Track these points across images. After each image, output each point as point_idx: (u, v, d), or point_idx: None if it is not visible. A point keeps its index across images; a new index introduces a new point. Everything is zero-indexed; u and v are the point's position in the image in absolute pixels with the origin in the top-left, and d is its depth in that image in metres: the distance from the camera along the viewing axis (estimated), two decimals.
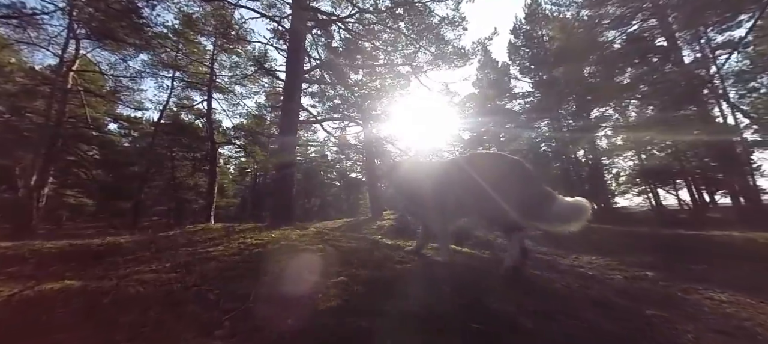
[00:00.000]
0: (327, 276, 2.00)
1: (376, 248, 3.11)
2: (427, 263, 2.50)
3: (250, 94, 14.94)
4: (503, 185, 2.03)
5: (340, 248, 2.92)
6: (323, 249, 2.84)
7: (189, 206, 20.76)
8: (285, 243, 3.25)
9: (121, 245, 3.79)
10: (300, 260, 2.46)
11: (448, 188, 2.29)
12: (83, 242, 4.52)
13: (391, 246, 3.38)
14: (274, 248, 3.00)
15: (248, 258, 2.56)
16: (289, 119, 6.91)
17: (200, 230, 7.09)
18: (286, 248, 2.96)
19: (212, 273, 2.14)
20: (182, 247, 3.60)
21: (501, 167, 2.14)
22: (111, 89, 15.88)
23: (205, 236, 5.07)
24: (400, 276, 2.13)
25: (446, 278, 2.07)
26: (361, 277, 1.97)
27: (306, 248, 2.87)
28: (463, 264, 2.66)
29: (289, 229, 5.26)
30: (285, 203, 6.39)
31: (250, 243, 3.49)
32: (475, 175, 2.12)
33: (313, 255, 2.60)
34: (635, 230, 7.97)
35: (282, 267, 2.23)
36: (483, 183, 2.06)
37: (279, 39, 10.51)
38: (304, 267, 2.25)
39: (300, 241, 3.50)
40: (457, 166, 2.37)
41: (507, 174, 2.08)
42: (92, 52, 13.85)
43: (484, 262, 3.16)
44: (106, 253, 3.34)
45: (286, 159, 6.63)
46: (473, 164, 2.25)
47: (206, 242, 4.05)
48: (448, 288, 1.84)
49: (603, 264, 4.82)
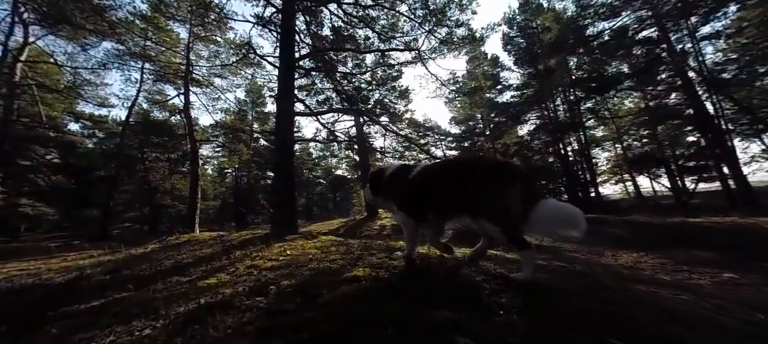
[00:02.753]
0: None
1: (448, 270, 2.38)
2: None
3: (232, 87, 13.67)
4: (490, 187, 1.90)
5: (394, 271, 2.16)
6: (374, 274, 2.06)
7: (165, 211, 19.16)
8: (314, 265, 2.46)
9: (82, 281, 2.85)
10: (362, 302, 1.69)
11: (429, 190, 2.19)
12: (23, 280, 3.48)
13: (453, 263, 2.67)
14: (306, 278, 2.21)
15: (281, 301, 1.76)
16: (285, 111, 6.02)
17: (186, 242, 6.10)
18: (323, 277, 2.17)
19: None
20: (170, 277, 2.74)
21: (487, 168, 2.01)
22: (70, 83, 14.09)
23: (197, 253, 4.16)
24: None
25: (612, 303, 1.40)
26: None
27: (351, 276, 2.09)
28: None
29: (298, 238, 4.46)
30: (288, 207, 5.54)
31: (264, 266, 2.69)
32: (457, 176, 2.03)
33: (369, 286, 1.85)
34: (653, 221, 7.69)
35: (339, 318, 1.46)
36: (467, 184, 1.96)
37: (265, 26, 9.47)
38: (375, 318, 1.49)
39: (326, 257, 2.71)
40: (441, 167, 2.30)
41: (493, 174, 1.95)
42: (44, 41, 12.13)
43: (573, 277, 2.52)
44: (59, 298, 2.41)
45: (286, 157, 5.77)
46: (457, 166, 2.19)
47: (201, 264, 3.19)
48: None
49: (657, 263, 4.38)
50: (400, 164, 2.57)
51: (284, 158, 5.77)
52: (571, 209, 1.81)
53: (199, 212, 10.41)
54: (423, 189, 2.18)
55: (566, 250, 6.70)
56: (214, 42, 12.62)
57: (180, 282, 2.46)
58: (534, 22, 16.73)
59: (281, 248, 3.49)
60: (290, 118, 6.15)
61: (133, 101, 14.50)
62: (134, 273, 3.04)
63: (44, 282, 2.99)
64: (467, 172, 2.00)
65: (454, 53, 7.56)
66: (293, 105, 6.45)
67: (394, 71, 15.00)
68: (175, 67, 12.88)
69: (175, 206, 21.20)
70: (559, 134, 16.51)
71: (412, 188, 2.25)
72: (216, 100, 13.57)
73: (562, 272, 2.58)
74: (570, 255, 5.71)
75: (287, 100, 6.21)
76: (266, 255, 3.21)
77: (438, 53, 7.52)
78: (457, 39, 7.11)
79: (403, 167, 2.50)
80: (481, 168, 1.99)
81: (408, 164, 2.54)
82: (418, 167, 2.34)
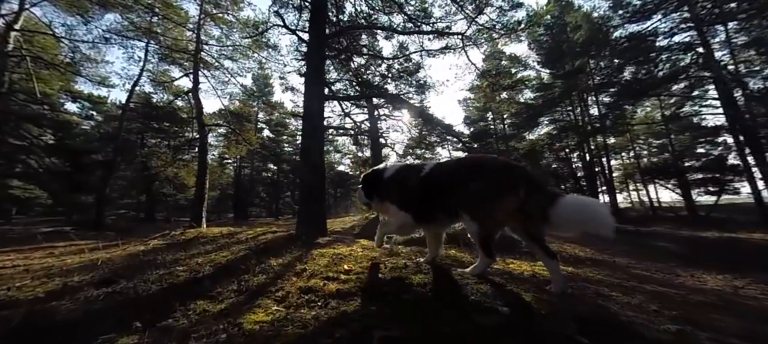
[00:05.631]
0: None
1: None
2: None
3: (243, 70, 12.73)
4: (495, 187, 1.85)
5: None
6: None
7: (165, 199, 18.24)
8: (389, 289, 1.63)
9: (62, 304, 1.97)
10: None
11: (447, 189, 2.10)
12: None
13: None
14: (408, 314, 1.39)
15: None
16: (316, 93, 5.17)
17: (194, 239, 5.24)
18: (439, 317, 1.34)
19: None
20: (193, 301, 1.90)
21: (492, 168, 1.95)
22: (68, 58, 13.12)
23: (213, 256, 3.31)
24: None
25: None
26: None
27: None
28: None
29: (334, 242, 3.65)
30: (317, 206, 4.68)
31: (325, 289, 1.86)
32: (462, 176, 2.00)
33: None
34: (720, 236, 6.89)
35: None
36: (474, 185, 1.91)
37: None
38: None
39: (403, 275, 1.88)
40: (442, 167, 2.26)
41: (499, 174, 1.89)
42: (42, 9, 11.18)
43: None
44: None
45: (317, 145, 4.92)
46: (462, 165, 2.17)
47: (230, 279, 2.34)
48: None
49: (741, 284, 3.60)
50: (400, 165, 2.50)
51: (314, 146, 4.91)
52: (596, 202, 1.76)
53: (206, 205, 9.52)
54: (439, 189, 2.09)
55: (624, 265, 5.91)
56: (226, 22, 11.73)
57: (211, 316, 1.61)
58: (563, 19, 15.88)
59: (328, 260, 2.66)
60: (321, 100, 5.29)
61: (136, 81, 13.52)
62: (137, 289, 2.20)
63: (4, 305, 2.13)
64: (474, 172, 1.97)
65: (505, 40, 6.72)
66: (324, 87, 5.61)
67: (412, 65, 14.21)
68: (182, 46, 11.95)
69: (174, 196, 20.29)
70: (583, 138, 15.71)
71: (424, 188, 2.16)
72: (225, 84, 12.68)
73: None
74: (638, 273, 4.91)
75: (318, 80, 5.35)
76: (315, 270, 2.37)
77: (485, 39, 6.67)
78: (510, 24, 6.26)
79: (408, 167, 2.44)
80: (488, 168, 1.95)
81: (413, 164, 2.47)
82: (428, 167, 2.25)
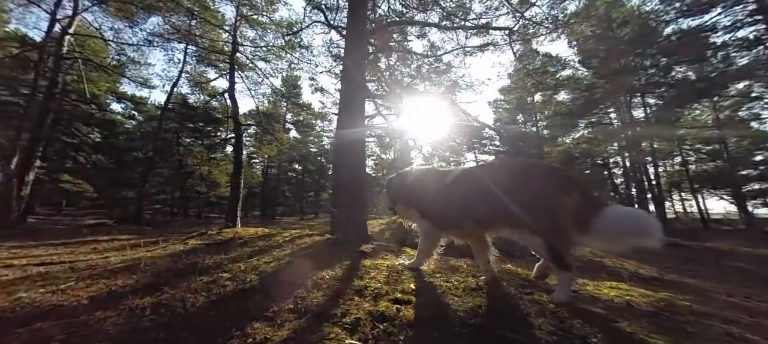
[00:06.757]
0: None
1: None
2: None
3: (275, 71, 12.90)
4: (532, 192, 1.75)
5: None
6: None
7: (199, 196, 18.88)
8: (461, 314, 1.26)
9: (107, 320, 1.76)
10: None
11: (457, 197, 2.05)
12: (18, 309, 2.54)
13: None
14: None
15: None
16: (356, 94, 4.89)
17: (232, 240, 5.12)
18: None
19: None
20: (252, 328, 1.64)
21: (529, 172, 1.87)
22: (115, 61, 13.87)
23: (255, 262, 3.09)
24: None
25: None
26: None
27: None
28: None
29: (382, 252, 3.34)
30: (358, 212, 4.37)
31: (401, 318, 1.54)
32: (497, 182, 1.88)
33: None
34: None
35: None
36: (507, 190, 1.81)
37: None
38: None
39: (465, 300, 1.51)
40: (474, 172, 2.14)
41: (537, 179, 1.80)
42: (93, 14, 11.85)
43: None
44: None
45: (358, 148, 4.63)
46: (497, 169, 2.07)
47: (287, 297, 2.07)
48: None
49: None
50: (424, 169, 2.42)
51: (355, 149, 4.63)
52: (642, 214, 1.72)
53: (241, 204, 9.60)
54: (468, 196, 2.01)
55: (706, 288, 5.14)
56: (261, 23, 11.88)
57: None
58: (609, 15, 14.76)
59: (387, 275, 2.34)
60: (362, 99, 5.02)
61: (175, 82, 14.08)
62: (185, 302, 1.97)
63: (46, 314, 1.98)
64: (518, 179, 1.86)
65: (553, 36, 6.16)
66: (365, 85, 5.34)
67: (442, 65, 13.78)
68: (218, 47, 12.27)
69: (206, 193, 21.02)
70: (628, 143, 14.50)
71: (451, 195, 2.08)
72: (258, 84, 12.92)
73: None
74: (736, 301, 4.17)
75: (359, 77, 5.07)
76: (377, 288, 2.06)
77: (532, 35, 6.14)
78: (563, 17, 5.71)
79: (434, 171, 2.37)
80: (532, 175, 1.84)
81: (440, 169, 2.38)
82: (457, 172, 2.18)
